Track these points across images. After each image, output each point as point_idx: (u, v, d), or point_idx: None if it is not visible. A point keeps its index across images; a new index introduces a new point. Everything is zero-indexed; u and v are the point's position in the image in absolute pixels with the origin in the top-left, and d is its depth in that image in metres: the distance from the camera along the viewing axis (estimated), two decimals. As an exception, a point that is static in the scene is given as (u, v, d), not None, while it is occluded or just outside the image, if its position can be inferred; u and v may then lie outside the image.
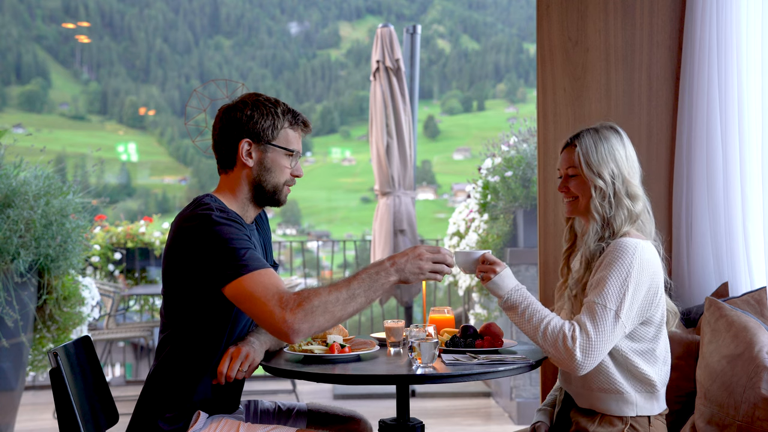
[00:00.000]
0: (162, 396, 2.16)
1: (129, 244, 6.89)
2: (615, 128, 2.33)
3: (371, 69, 6.07)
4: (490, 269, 2.26)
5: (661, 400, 2.28)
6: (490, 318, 5.43)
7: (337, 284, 2.02)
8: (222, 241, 2.04)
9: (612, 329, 2.13)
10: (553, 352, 2.15)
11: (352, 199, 46.26)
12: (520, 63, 54.28)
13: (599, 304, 2.14)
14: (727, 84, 2.86)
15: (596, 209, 2.26)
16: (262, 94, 2.30)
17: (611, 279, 2.15)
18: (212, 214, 2.09)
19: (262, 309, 1.98)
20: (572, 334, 2.12)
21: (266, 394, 5.77)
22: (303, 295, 1.99)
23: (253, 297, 1.99)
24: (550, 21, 3.08)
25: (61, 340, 4.15)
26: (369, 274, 2.04)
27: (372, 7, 59.93)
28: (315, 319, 1.97)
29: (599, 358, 2.13)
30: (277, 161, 2.24)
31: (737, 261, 2.84)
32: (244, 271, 2.01)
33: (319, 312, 1.97)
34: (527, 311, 2.20)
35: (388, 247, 5.89)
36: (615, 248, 2.19)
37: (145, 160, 48.67)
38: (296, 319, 1.95)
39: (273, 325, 1.97)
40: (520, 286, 2.24)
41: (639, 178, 2.33)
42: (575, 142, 2.31)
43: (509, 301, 2.22)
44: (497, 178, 5.25)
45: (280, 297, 1.97)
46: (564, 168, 2.34)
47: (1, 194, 3.85)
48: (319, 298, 1.98)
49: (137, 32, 55.12)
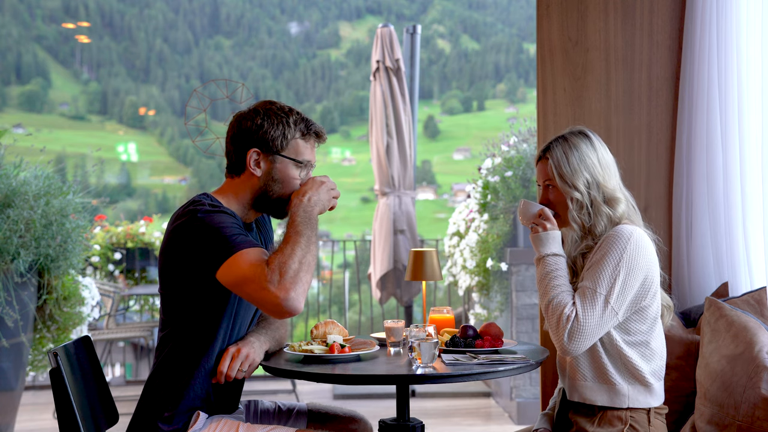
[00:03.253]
0: (161, 396, 2.16)
1: (129, 244, 6.89)
2: (584, 133, 2.33)
3: (371, 69, 6.07)
4: (542, 224, 2.30)
5: (656, 393, 2.28)
6: (490, 318, 5.43)
7: (289, 239, 2.06)
8: (211, 229, 2.05)
9: (601, 314, 2.16)
10: (551, 328, 2.20)
11: (352, 199, 46.24)
12: (520, 63, 54.26)
13: (590, 288, 2.18)
14: (727, 84, 2.87)
15: (574, 220, 2.29)
16: (277, 102, 2.26)
17: (604, 264, 2.18)
18: (204, 207, 2.10)
19: (253, 287, 2.00)
20: (568, 315, 2.16)
21: (266, 394, 5.77)
22: (273, 266, 1.99)
23: (243, 278, 2.01)
24: (550, 21, 3.08)
25: (61, 340, 4.15)
26: (301, 219, 2.10)
27: (372, 7, 59.91)
28: (299, 280, 2.00)
29: (586, 342, 2.16)
30: (286, 172, 2.22)
31: (737, 261, 2.84)
32: (233, 251, 2.03)
33: (301, 273, 2.01)
34: (548, 278, 2.24)
35: (388, 247, 5.89)
36: (611, 234, 2.22)
37: (145, 160, 48.65)
38: (285, 291, 1.98)
39: (267, 306, 2.00)
40: (559, 253, 2.27)
41: (616, 178, 2.32)
42: (547, 155, 2.32)
43: (543, 261, 2.27)
44: (497, 178, 5.25)
45: (263, 275, 1.99)
46: (541, 180, 2.37)
47: (1, 194, 3.85)
48: (291, 259, 2.01)
49: (137, 32, 55.09)
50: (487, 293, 5.39)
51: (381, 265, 5.95)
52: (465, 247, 5.56)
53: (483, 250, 5.28)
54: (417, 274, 3.13)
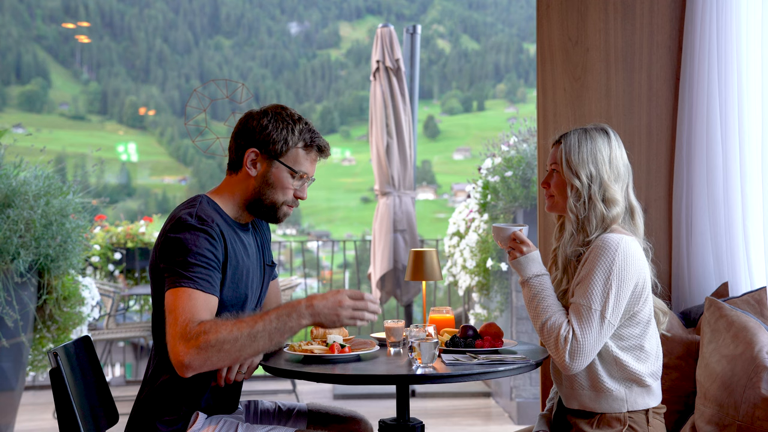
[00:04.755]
0: (160, 397, 2.16)
1: (129, 244, 6.88)
2: (606, 130, 2.32)
3: (371, 69, 6.07)
4: (518, 248, 2.29)
5: (654, 393, 2.28)
6: (490, 318, 5.43)
7: (244, 321, 1.97)
8: (181, 249, 2.03)
9: (599, 330, 2.16)
10: (549, 349, 2.19)
11: (352, 199, 46.25)
12: (520, 63, 54.27)
13: (584, 305, 2.16)
14: (727, 84, 2.86)
15: (571, 209, 2.28)
16: (289, 108, 2.24)
17: (595, 278, 2.17)
18: (188, 220, 2.07)
19: (170, 330, 1.96)
20: (565, 336, 2.15)
21: (266, 394, 5.77)
22: (205, 328, 1.93)
23: (172, 313, 1.97)
24: (550, 21, 3.08)
25: (61, 340, 4.15)
26: (279, 314, 1.99)
27: (372, 7, 59.92)
28: (208, 358, 1.93)
29: (588, 359, 2.16)
30: (281, 179, 2.20)
31: (737, 261, 2.84)
32: (184, 283, 1.99)
33: (213, 351, 1.92)
34: (536, 299, 2.23)
35: (388, 247, 5.89)
36: (599, 244, 2.20)
37: (145, 160, 48.66)
38: (189, 354, 1.92)
39: (170, 353, 1.95)
40: (541, 273, 2.26)
41: (624, 184, 2.30)
42: (561, 140, 2.32)
43: (527, 284, 2.25)
44: (497, 178, 5.25)
45: (187, 323, 1.94)
46: (549, 163, 2.37)
47: (1, 194, 3.85)
48: (217, 336, 1.92)
49: (137, 32, 55.10)
50: (487, 293, 5.39)
51: (381, 265, 5.95)
52: (465, 247, 5.55)
53: (483, 250, 5.28)
54: (417, 274, 3.13)
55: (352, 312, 2.03)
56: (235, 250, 2.16)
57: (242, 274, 2.18)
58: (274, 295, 2.46)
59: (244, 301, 2.21)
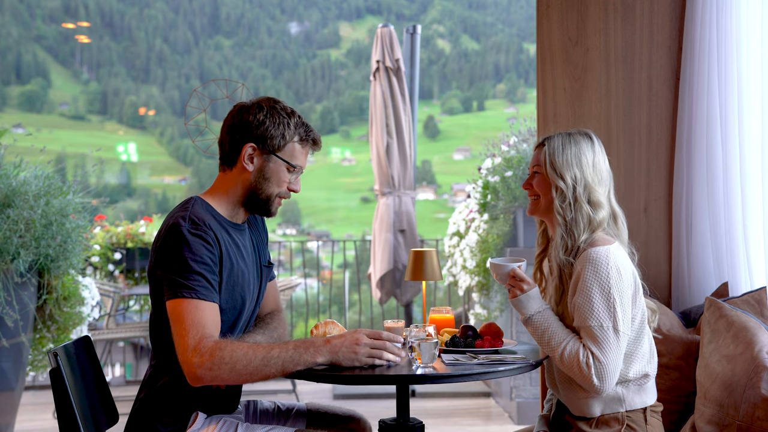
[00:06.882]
0: (159, 399, 2.15)
1: (129, 244, 6.88)
2: (589, 135, 2.33)
3: (371, 69, 6.07)
4: (518, 286, 2.28)
5: (650, 391, 2.30)
6: (490, 318, 5.43)
7: (261, 346, 2.02)
8: (178, 257, 2.04)
9: (617, 345, 2.16)
10: (574, 375, 2.19)
11: (352, 199, 46.24)
12: (520, 63, 54.25)
13: (595, 326, 2.16)
14: (727, 84, 2.86)
15: (557, 211, 2.27)
16: (281, 101, 2.25)
17: (594, 297, 2.17)
18: (182, 226, 2.07)
19: (181, 340, 1.99)
20: (586, 361, 2.16)
21: (266, 394, 5.77)
22: (221, 344, 1.98)
23: (180, 324, 2.00)
24: (550, 21, 3.08)
25: (61, 340, 4.15)
26: (297, 346, 2.04)
27: (372, 7, 59.90)
28: (220, 373, 1.98)
29: (615, 376, 2.18)
30: (277, 173, 2.21)
31: (737, 261, 2.84)
32: (186, 294, 2.01)
33: (226, 368, 1.97)
34: (546, 334, 2.23)
35: (388, 247, 5.89)
36: (588, 262, 2.19)
37: (145, 160, 48.65)
38: (202, 366, 1.97)
39: (182, 362, 2.00)
40: (543, 308, 2.26)
41: (607, 189, 2.30)
42: (545, 142, 2.32)
43: (531, 322, 2.25)
44: (497, 178, 5.25)
45: (201, 338, 1.98)
46: (532, 166, 2.37)
47: (1, 194, 3.85)
48: (232, 354, 1.98)
49: (137, 32, 55.08)
50: (487, 293, 5.39)
51: (381, 265, 5.95)
52: (465, 247, 5.55)
53: (483, 250, 5.28)
54: (417, 274, 3.13)
55: (369, 350, 2.08)
56: (229, 253, 2.15)
57: (237, 277, 2.18)
58: (273, 296, 2.45)
59: (242, 305, 2.21)
